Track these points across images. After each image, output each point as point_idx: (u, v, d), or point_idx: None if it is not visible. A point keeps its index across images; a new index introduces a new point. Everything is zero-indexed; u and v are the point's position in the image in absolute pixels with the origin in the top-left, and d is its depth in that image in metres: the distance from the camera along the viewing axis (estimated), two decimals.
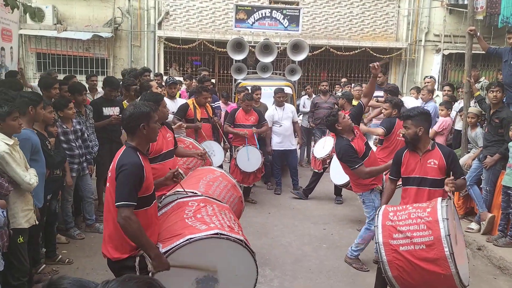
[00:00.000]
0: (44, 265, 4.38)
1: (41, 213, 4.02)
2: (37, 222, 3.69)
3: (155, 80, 7.87)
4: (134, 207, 2.65)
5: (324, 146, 7.02)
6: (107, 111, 5.85)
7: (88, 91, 6.30)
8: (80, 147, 5.08)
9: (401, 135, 4.22)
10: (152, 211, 2.86)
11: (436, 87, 8.66)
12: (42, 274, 4.24)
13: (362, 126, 6.45)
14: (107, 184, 2.81)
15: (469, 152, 6.17)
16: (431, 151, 3.71)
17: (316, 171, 7.05)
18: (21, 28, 10.41)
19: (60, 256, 4.65)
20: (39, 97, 4.11)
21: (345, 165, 4.68)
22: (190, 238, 2.70)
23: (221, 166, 5.97)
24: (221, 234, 2.77)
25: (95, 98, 6.64)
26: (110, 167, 2.81)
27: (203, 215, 2.96)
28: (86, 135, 5.29)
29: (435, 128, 6.58)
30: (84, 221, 5.52)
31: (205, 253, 2.77)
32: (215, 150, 6.23)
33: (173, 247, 2.70)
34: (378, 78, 7.67)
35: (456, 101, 7.59)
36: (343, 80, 10.82)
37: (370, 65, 4.79)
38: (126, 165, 2.66)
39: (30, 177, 3.48)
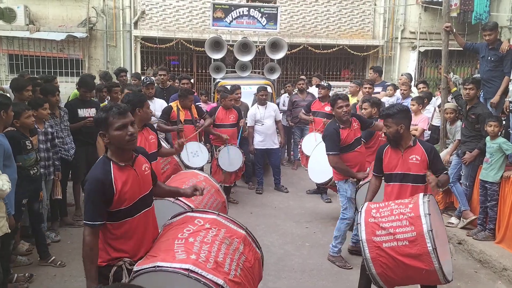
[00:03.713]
0: (16, 275, 4.17)
1: (16, 220, 3.85)
2: (9, 230, 3.55)
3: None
4: (103, 224, 2.49)
5: (314, 142, 6.89)
6: (82, 112, 5.69)
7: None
8: (47, 150, 4.85)
9: (383, 135, 4.26)
10: (137, 222, 2.62)
11: (412, 83, 8.70)
12: (17, 283, 4.08)
13: None
14: None
15: (447, 147, 6.24)
16: (413, 147, 3.71)
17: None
18: None
19: (54, 257, 4.56)
20: (8, 100, 3.97)
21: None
22: (158, 266, 2.46)
23: (201, 169, 5.90)
24: (191, 271, 2.38)
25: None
26: None
27: (196, 240, 2.62)
28: (56, 140, 5.06)
29: (425, 127, 6.44)
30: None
31: (171, 287, 2.47)
32: (198, 151, 6.15)
33: (141, 270, 2.48)
34: (369, 75, 7.67)
35: (434, 97, 7.67)
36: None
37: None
38: (87, 180, 2.52)
39: (3, 183, 3.34)
